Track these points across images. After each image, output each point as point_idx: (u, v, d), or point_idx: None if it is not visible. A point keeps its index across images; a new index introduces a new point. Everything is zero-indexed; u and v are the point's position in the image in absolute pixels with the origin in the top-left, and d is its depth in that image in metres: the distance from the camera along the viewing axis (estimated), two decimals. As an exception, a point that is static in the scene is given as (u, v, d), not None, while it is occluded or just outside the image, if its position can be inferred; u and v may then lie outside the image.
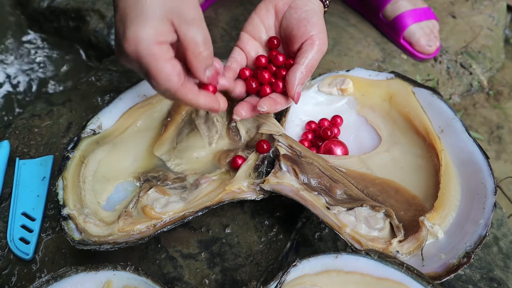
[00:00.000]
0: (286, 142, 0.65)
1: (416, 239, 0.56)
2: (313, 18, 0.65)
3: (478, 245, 0.54)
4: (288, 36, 0.66)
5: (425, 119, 0.68)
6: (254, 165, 0.64)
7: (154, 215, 0.59)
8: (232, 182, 0.62)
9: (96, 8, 1.08)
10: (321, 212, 0.59)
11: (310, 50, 0.63)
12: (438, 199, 0.60)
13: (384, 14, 1.04)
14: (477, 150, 0.62)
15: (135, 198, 0.62)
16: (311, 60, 0.64)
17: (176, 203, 0.61)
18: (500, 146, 1.02)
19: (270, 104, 0.63)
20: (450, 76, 1.03)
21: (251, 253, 0.64)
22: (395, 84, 0.73)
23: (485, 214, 0.57)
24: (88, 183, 0.63)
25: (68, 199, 0.60)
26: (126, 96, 0.72)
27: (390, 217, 0.59)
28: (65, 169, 0.62)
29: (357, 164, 0.68)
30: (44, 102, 0.83)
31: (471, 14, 1.14)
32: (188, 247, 0.64)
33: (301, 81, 0.64)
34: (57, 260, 0.63)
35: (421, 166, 0.66)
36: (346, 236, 0.56)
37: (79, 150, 0.64)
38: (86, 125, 0.67)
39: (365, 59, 1.00)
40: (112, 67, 0.91)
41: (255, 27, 0.68)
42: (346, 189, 0.63)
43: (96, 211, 0.61)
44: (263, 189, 0.62)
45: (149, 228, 0.58)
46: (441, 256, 0.54)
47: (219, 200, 0.60)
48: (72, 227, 0.57)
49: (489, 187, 0.59)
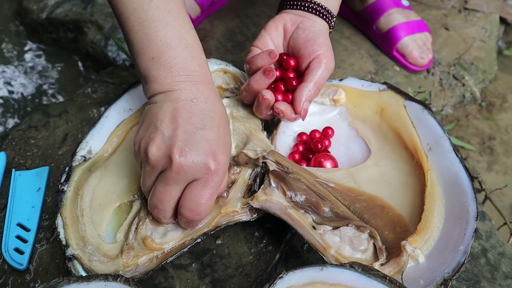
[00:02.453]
0: (273, 159, 0.66)
1: (397, 263, 0.56)
2: (320, 38, 0.67)
3: (456, 272, 0.54)
4: (296, 56, 0.69)
5: (415, 136, 0.68)
6: (247, 185, 0.65)
7: (155, 246, 0.59)
8: (226, 204, 0.63)
9: (94, 19, 1.10)
10: (307, 232, 0.60)
11: (317, 68, 0.66)
12: (422, 221, 0.60)
13: (377, 27, 1.05)
14: (462, 171, 0.62)
15: (134, 227, 0.61)
16: (319, 78, 0.66)
17: (175, 231, 0.61)
18: (492, 157, 1.03)
19: (287, 107, 0.66)
20: (443, 88, 1.04)
21: (241, 264, 0.65)
22: (387, 97, 0.74)
23: (466, 240, 0.57)
24: (86, 215, 0.62)
25: (70, 238, 0.59)
26: (111, 113, 0.69)
27: (374, 238, 0.59)
28: (62, 205, 0.61)
29: (345, 177, 0.68)
30: (41, 114, 0.84)
31: (464, 26, 1.16)
32: (179, 258, 0.65)
33: (308, 98, 0.66)
34: (51, 270, 0.64)
35: (408, 184, 0.67)
36: (330, 257, 0.58)
37: (72, 181, 0.63)
38: (76, 152, 0.65)
39: (358, 71, 1.01)
40: (108, 79, 0.92)
41: (265, 44, 0.71)
42: (333, 206, 0.63)
43: (98, 246, 0.60)
44: (254, 208, 0.62)
45: (152, 261, 0.59)
46: (420, 281, 0.55)
47: (216, 225, 0.61)
48: (78, 268, 0.57)
49: (471, 211, 0.59)
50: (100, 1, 1.13)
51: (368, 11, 1.06)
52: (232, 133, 0.68)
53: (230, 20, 1.10)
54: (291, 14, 0.71)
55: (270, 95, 0.66)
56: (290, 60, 0.69)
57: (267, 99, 0.65)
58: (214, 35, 1.06)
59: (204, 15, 1.09)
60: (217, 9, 1.13)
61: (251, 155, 0.65)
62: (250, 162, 0.66)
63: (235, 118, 0.71)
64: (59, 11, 1.13)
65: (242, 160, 0.66)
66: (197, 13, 1.05)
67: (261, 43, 0.71)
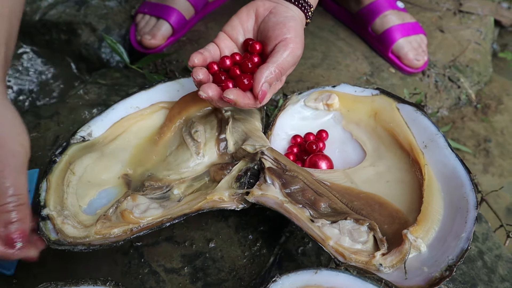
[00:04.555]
0: (271, 156, 0.66)
1: (399, 252, 0.56)
2: (291, 22, 0.64)
3: (460, 258, 0.54)
4: (263, 38, 0.66)
5: (409, 135, 0.69)
6: (237, 175, 0.64)
7: (132, 219, 0.60)
8: (213, 192, 0.62)
9: (87, 21, 1.09)
10: (305, 224, 0.59)
11: (282, 51, 0.62)
12: (421, 213, 0.60)
13: (373, 28, 1.05)
14: (459, 165, 0.63)
15: (116, 204, 0.62)
16: (283, 61, 0.62)
17: (156, 209, 0.62)
18: (488, 159, 1.02)
19: (238, 94, 0.61)
20: (438, 90, 1.04)
21: (234, 267, 0.64)
22: (380, 100, 0.74)
23: (467, 227, 0.57)
24: (72, 187, 0.64)
25: (49, 200, 0.60)
26: (118, 106, 0.73)
27: (373, 230, 0.59)
28: (50, 172, 0.63)
29: (342, 178, 0.68)
30: (32, 115, 0.83)
31: (459, 28, 1.15)
32: (172, 262, 0.64)
33: (268, 80, 0.61)
34: (39, 275, 0.63)
35: (405, 180, 0.67)
36: (330, 248, 0.57)
37: (66, 155, 0.65)
38: (76, 132, 0.68)
39: (353, 72, 1.01)
40: (100, 80, 0.91)
41: (233, 28, 0.68)
42: (331, 202, 0.63)
43: (76, 214, 0.61)
44: (246, 200, 0.62)
45: (125, 233, 0.59)
46: (424, 269, 0.55)
47: (198, 208, 0.61)
48: (50, 227, 0.58)
49: (471, 201, 0.59)
50: (93, 3, 1.13)
51: (363, 13, 1.05)
52: (231, 131, 0.69)
53: (225, 22, 1.09)
54: (265, 0, 0.68)
55: (211, 91, 0.61)
56: (256, 44, 0.66)
57: (207, 97, 0.62)
58: (208, 37, 1.05)
59: (198, 17, 1.08)
60: (211, 10, 1.12)
61: (250, 150, 0.66)
62: (248, 157, 0.66)
63: (236, 119, 0.72)
64: (52, 12, 1.12)
65: (240, 155, 0.66)
66: (191, 14, 1.05)
67: (229, 28, 0.68)
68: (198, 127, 0.70)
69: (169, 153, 0.70)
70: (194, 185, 0.67)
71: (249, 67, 0.64)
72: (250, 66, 0.64)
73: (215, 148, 0.70)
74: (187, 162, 0.68)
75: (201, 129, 0.70)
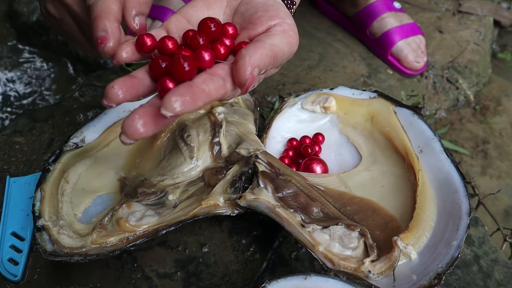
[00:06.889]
0: (265, 159, 0.65)
1: (389, 259, 0.55)
2: (284, 9, 0.50)
3: (450, 266, 0.54)
4: (248, 19, 0.49)
5: (405, 139, 0.68)
6: (231, 180, 0.64)
7: (128, 227, 0.59)
8: (208, 197, 0.62)
9: (84, 22, 1.08)
10: (295, 229, 0.59)
11: (280, 36, 0.46)
12: (413, 219, 0.59)
13: (371, 31, 1.04)
14: (454, 171, 0.62)
15: (112, 212, 0.62)
16: (279, 48, 0.45)
17: (151, 217, 0.61)
18: (486, 161, 1.02)
19: (184, 99, 0.38)
20: (436, 91, 1.03)
21: (227, 272, 0.64)
22: (377, 104, 0.74)
23: (459, 235, 0.56)
24: (66, 195, 0.64)
25: (44, 210, 0.60)
26: (111, 111, 0.72)
27: (364, 236, 0.58)
28: (44, 181, 0.63)
29: (336, 182, 0.68)
30: (27, 118, 0.83)
31: (458, 29, 1.15)
32: (165, 266, 0.64)
33: (262, 64, 0.43)
34: (45, 281, 0.63)
35: (400, 186, 0.66)
36: (319, 254, 0.56)
37: (60, 163, 0.65)
38: (69, 139, 0.68)
39: (350, 74, 1.00)
40: (96, 82, 0.91)
41: (197, 9, 0.51)
42: (323, 207, 0.62)
43: (71, 223, 0.61)
44: (239, 205, 0.62)
45: (122, 241, 0.59)
46: (413, 277, 0.54)
47: (193, 215, 0.60)
48: (45, 238, 0.58)
49: (464, 208, 0.58)
50: (90, 4, 1.12)
51: (360, 16, 1.04)
52: (224, 135, 0.69)
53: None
54: None
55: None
56: (229, 26, 0.49)
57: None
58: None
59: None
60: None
61: (244, 153, 0.66)
62: (242, 160, 0.65)
63: (230, 122, 0.71)
64: (49, 14, 1.12)
65: (234, 158, 0.66)
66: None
67: (190, 8, 0.51)
68: (190, 131, 0.69)
69: (162, 158, 0.70)
70: (189, 190, 0.66)
71: (221, 52, 0.46)
72: (222, 52, 0.46)
73: (209, 152, 0.69)
74: (180, 167, 0.68)
75: (194, 133, 0.69)
